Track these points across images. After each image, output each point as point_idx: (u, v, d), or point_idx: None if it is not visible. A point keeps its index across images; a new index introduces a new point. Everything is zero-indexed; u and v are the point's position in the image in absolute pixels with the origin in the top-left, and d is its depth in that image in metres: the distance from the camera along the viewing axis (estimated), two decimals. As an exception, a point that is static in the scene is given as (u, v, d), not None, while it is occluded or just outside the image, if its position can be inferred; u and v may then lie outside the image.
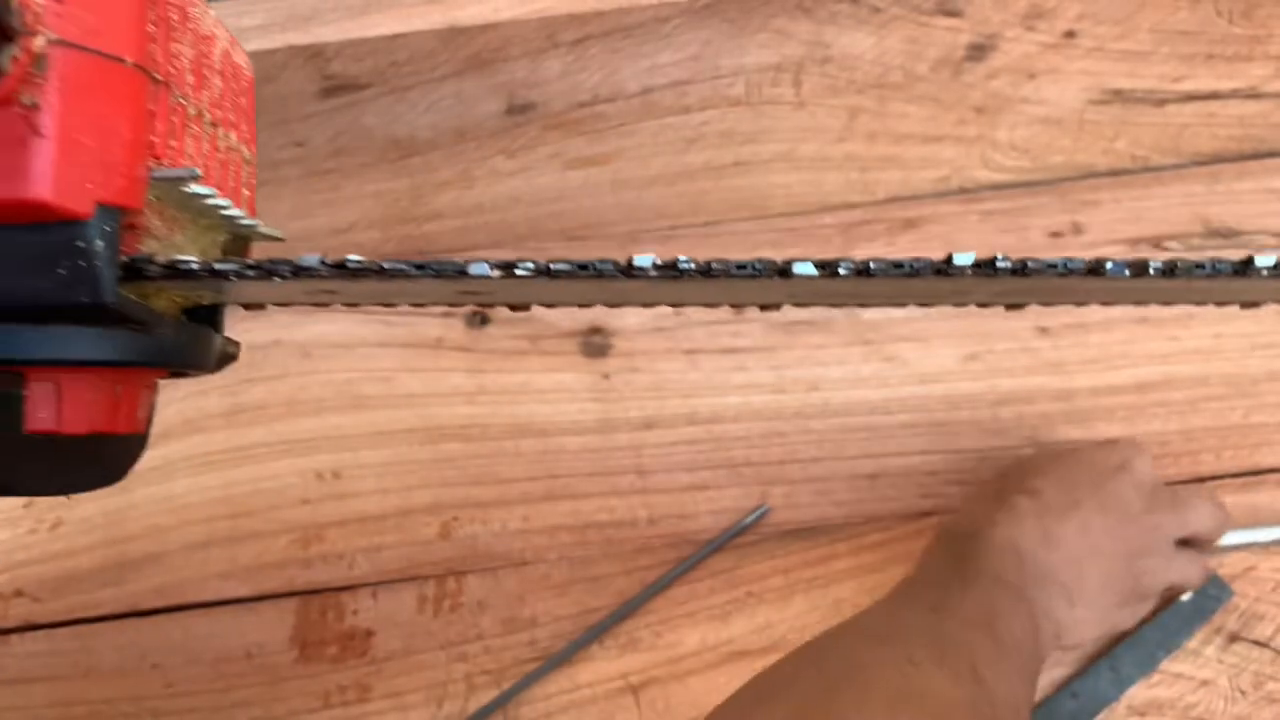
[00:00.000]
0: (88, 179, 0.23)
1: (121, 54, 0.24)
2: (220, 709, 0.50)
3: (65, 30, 0.23)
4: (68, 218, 0.23)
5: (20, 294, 0.24)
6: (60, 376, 0.26)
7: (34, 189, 0.22)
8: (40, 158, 0.23)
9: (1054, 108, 0.65)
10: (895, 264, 0.28)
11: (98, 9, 0.24)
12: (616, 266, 0.27)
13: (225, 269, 0.27)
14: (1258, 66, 0.65)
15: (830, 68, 0.60)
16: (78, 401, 0.27)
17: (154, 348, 0.28)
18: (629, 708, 0.50)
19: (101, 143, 0.24)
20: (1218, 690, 0.50)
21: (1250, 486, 0.55)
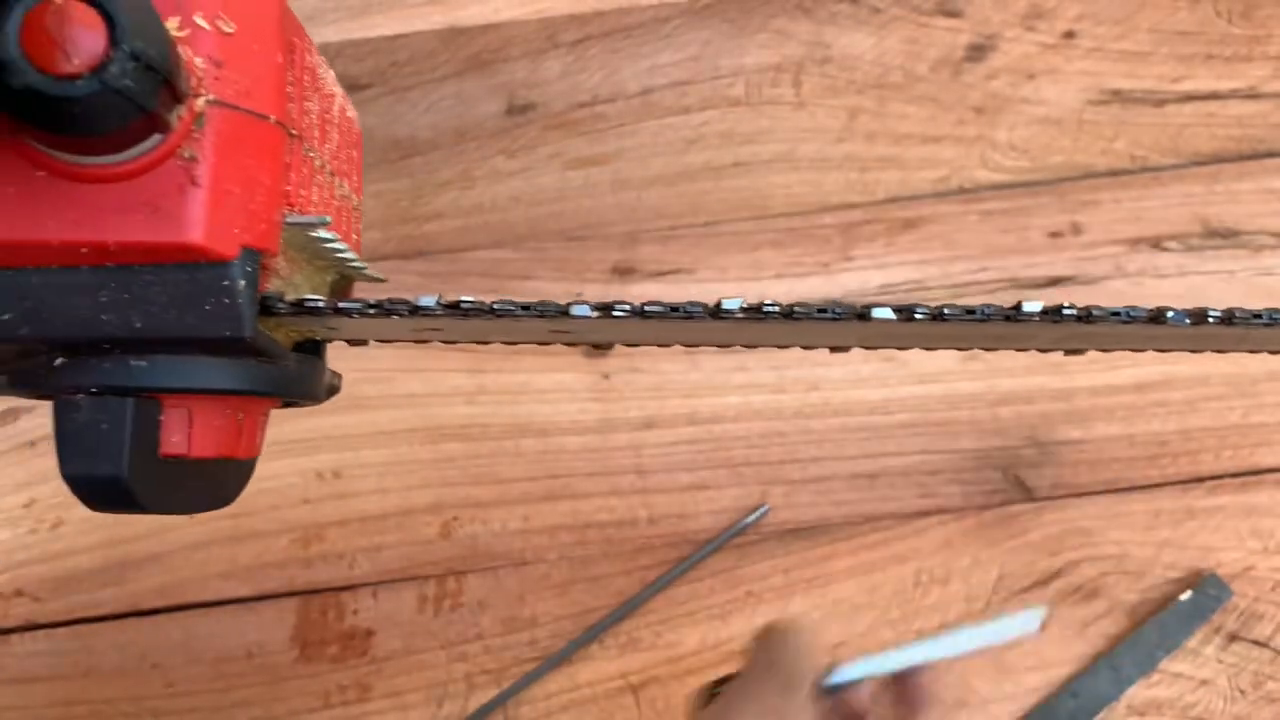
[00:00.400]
0: (234, 224, 0.26)
1: (267, 112, 0.27)
2: (221, 708, 0.50)
3: (221, 91, 0.26)
4: (216, 259, 0.26)
5: (170, 327, 0.26)
6: (193, 404, 0.29)
7: (190, 234, 0.25)
8: (196, 205, 0.25)
9: (1053, 108, 0.65)
10: (967, 310, 0.29)
11: (249, 72, 0.26)
12: (705, 309, 0.29)
13: (349, 307, 0.29)
14: (1257, 67, 0.65)
15: (830, 68, 0.60)
16: (207, 427, 0.29)
17: (280, 378, 0.30)
18: (629, 707, 0.50)
19: (246, 192, 0.26)
20: (1217, 689, 0.50)
21: (1249, 486, 0.55)
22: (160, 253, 0.25)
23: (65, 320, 0.26)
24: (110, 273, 0.26)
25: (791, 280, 0.64)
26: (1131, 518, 0.55)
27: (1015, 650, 0.52)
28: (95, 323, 0.26)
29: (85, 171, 0.24)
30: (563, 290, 0.64)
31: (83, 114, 0.22)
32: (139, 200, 0.25)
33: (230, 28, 0.26)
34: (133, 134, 0.24)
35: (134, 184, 0.25)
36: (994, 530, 0.55)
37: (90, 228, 0.25)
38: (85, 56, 0.22)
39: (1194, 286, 0.63)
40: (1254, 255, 0.64)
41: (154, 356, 0.27)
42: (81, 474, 0.28)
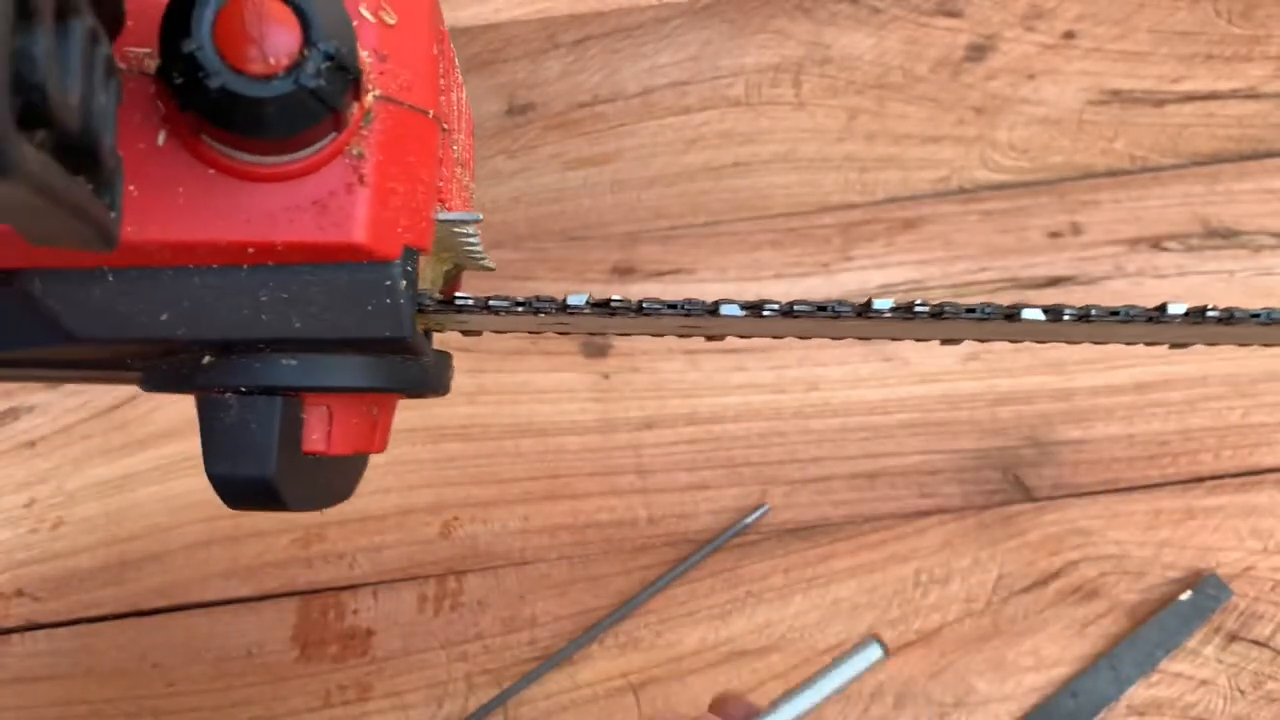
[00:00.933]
0: (398, 223, 0.25)
1: (427, 106, 0.26)
2: (221, 708, 0.51)
3: (386, 86, 0.25)
4: (379, 259, 0.25)
5: (330, 327, 0.26)
6: (333, 401, 0.28)
7: (358, 233, 0.24)
8: (362, 204, 0.24)
9: (1053, 108, 0.65)
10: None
11: (409, 65, 0.26)
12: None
13: (498, 305, 0.28)
14: (1257, 67, 0.65)
15: (830, 68, 0.60)
16: (346, 424, 0.29)
17: (421, 375, 0.30)
18: (629, 707, 0.50)
19: (409, 189, 0.26)
20: (1217, 689, 0.50)
21: (1249, 486, 0.55)
22: (324, 252, 0.25)
23: (225, 321, 0.25)
24: (270, 272, 0.25)
25: (791, 280, 0.64)
26: (1131, 518, 0.55)
27: (1015, 650, 0.52)
28: (254, 323, 0.25)
29: (256, 171, 0.24)
30: (563, 290, 0.64)
31: (274, 115, 0.22)
32: (307, 199, 0.24)
33: (392, 19, 0.25)
34: (315, 134, 0.24)
35: (302, 182, 0.24)
36: (994, 530, 0.55)
37: (259, 227, 0.24)
38: (280, 55, 0.21)
39: (1194, 287, 0.63)
40: (1254, 255, 0.64)
41: (304, 355, 0.27)
42: (230, 474, 0.27)
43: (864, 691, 0.51)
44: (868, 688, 0.51)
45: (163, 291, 0.25)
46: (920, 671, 0.52)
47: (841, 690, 0.36)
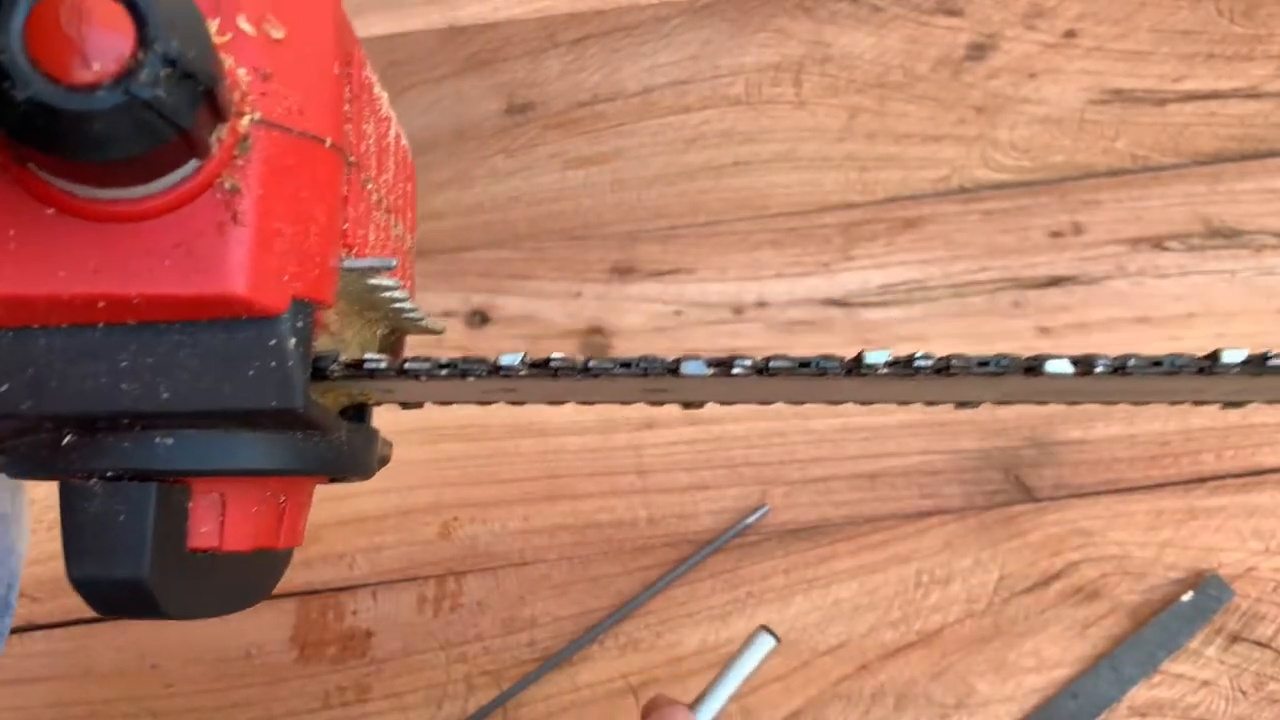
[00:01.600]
0: (284, 271, 0.21)
1: (323, 134, 0.22)
2: (220, 709, 0.50)
3: (269, 109, 0.21)
4: (262, 314, 0.21)
5: (205, 398, 0.21)
6: (227, 488, 0.24)
7: (231, 283, 0.20)
8: (238, 248, 0.20)
9: (1054, 107, 0.65)
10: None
11: (301, 87, 0.22)
12: (841, 365, 0.24)
13: (416, 368, 0.24)
14: (1258, 66, 0.65)
15: (830, 67, 0.60)
16: (243, 515, 0.25)
17: (330, 454, 0.25)
18: (629, 708, 0.50)
19: (299, 230, 0.22)
20: (1219, 691, 0.50)
21: (1251, 487, 0.55)
22: (194, 307, 0.21)
23: (77, 392, 0.21)
24: (131, 332, 0.21)
25: (792, 280, 0.64)
26: (1133, 518, 0.54)
27: (1016, 651, 0.52)
28: (113, 394, 0.21)
29: (103, 208, 0.20)
30: (563, 290, 0.63)
31: (103, 134, 0.18)
32: (168, 242, 0.20)
33: (280, 33, 0.21)
34: (164, 160, 0.19)
35: (162, 223, 0.20)
36: (995, 531, 0.54)
37: (109, 278, 0.20)
38: (107, 61, 0.17)
39: (1195, 286, 0.62)
40: (1255, 255, 0.64)
41: (182, 433, 0.23)
42: (92, 577, 0.23)
43: (864, 693, 0.51)
44: (869, 688, 0.51)
45: (1, 357, 0.21)
46: (921, 672, 0.51)
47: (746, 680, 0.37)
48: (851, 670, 0.51)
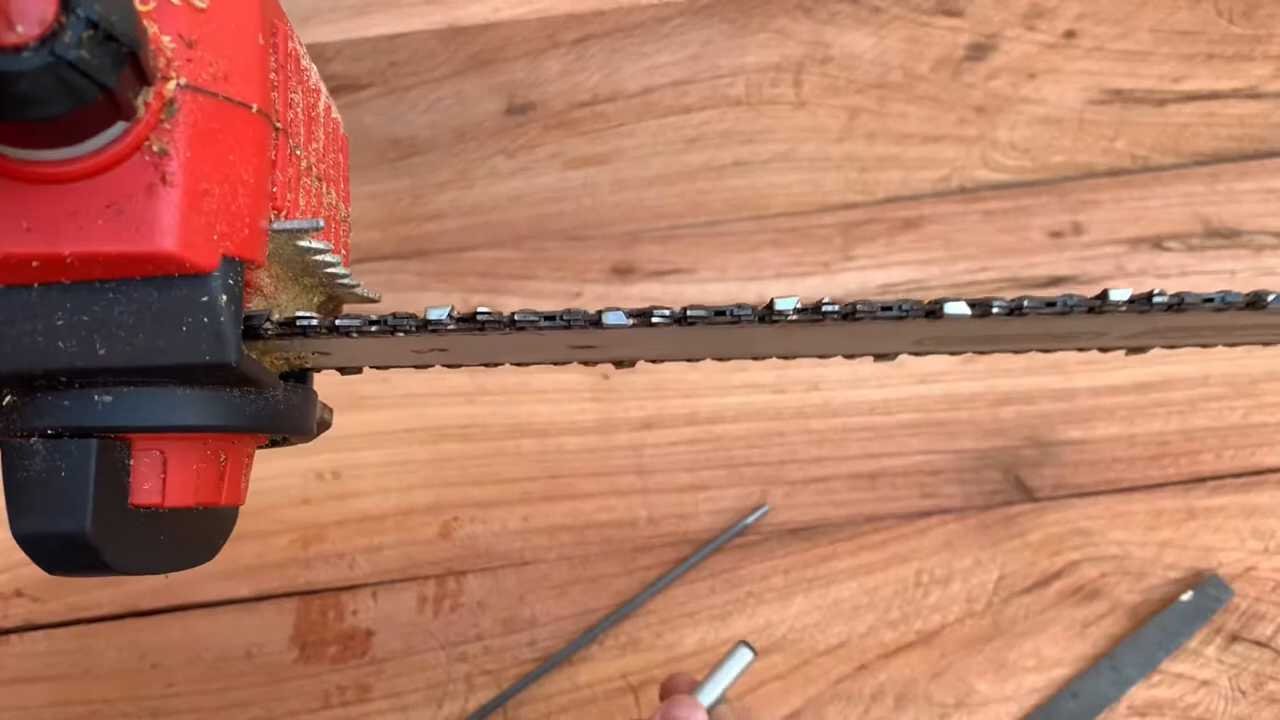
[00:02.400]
0: (213, 229, 0.22)
1: (248, 100, 0.23)
2: (220, 709, 0.50)
3: (194, 75, 0.22)
4: (193, 271, 0.22)
5: (139, 354, 0.22)
6: (167, 445, 0.25)
7: (162, 241, 0.21)
8: (168, 208, 0.21)
9: (1054, 107, 0.65)
10: (1047, 302, 0.26)
11: (225, 54, 0.23)
12: (754, 312, 0.25)
13: (347, 325, 0.25)
14: (1258, 66, 0.65)
15: (830, 68, 0.60)
16: (184, 472, 0.25)
17: (268, 411, 0.26)
18: (629, 708, 0.50)
19: (227, 191, 0.23)
20: (1218, 690, 0.50)
21: (1250, 486, 0.55)
22: (126, 265, 0.22)
23: (15, 351, 0.22)
24: (66, 291, 0.22)
25: (792, 280, 0.64)
26: (1132, 518, 0.55)
27: (1016, 650, 0.52)
28: (50, 352, 0.22)
29: (34, 170, 0.21)
30: (563, 290, 0.64)
31: (29, 94, 0.19)
32: (99, 203, 0.21)
33: (203, 3, 0.23)
34: (91, 121, 0.20)
35: (93, 184, 0.21)
36: (995, 530, 0.55)
37: (42, 238, 0.21)
38: (31, 24, 0.18)
39: (1195, 286, 0.62)
40: (1255, 255, 0.64)
41: (120, 390, 0.23)
42: (35, 532, 0.23)
43: (864, 692, 0.51)
44: (868, 688, 0.51)
45: None
46: (921, 672, 0.51)
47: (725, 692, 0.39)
48: (851, 670, 0.51)
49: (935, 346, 0.31)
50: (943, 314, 0.26)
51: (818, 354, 0.31)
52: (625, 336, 0.27)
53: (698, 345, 0.29)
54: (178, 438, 0.25)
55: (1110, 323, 0.28)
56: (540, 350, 0.28)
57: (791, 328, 0.26)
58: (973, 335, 0.30)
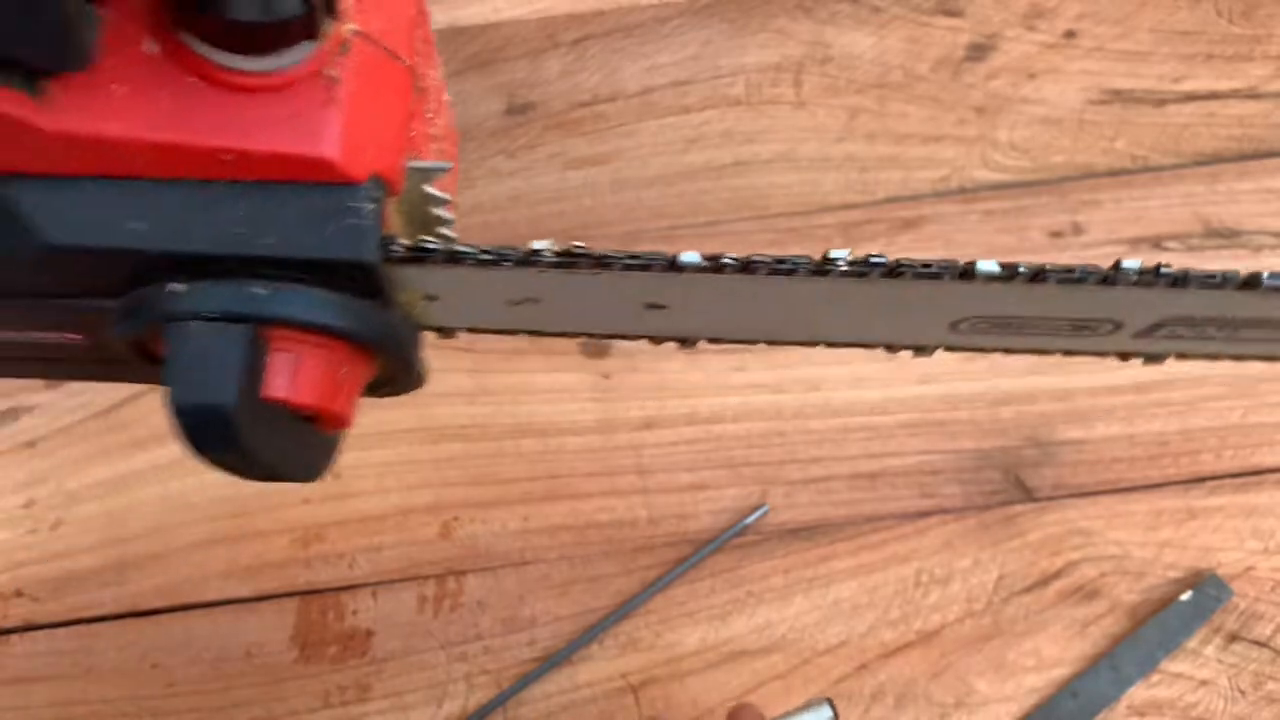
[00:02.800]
0: (366, 150, 0.26)
1: (401, 54, 0.28)
2: (220, 709, 0.50)
3: (364, 24, 0.27)
4: (346, 181, 0.26)
5: (299, 246, 0.26)
6: (300, 346, 0.28)
7: (327, 148, 0.25)
8: (334, 123, 0.26)
9: (1054, 108, 0.65)
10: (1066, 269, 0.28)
11: (385, 14, 0.28)
12: (811, 264, 0.28)
13: (465, 251, 0.28)
14: (1257, 66, 0.65)
15: (830, 68, 0.60)
16: (311, 374, 0.28)
17: (390, 331, 0.29)
18: (629, 707, 0.50)
19: (378, 123, 0.27)
20: (1217, 690, 0.50)
21: (1250, 487, 0.55)
22: (297, 167, 0.26)
23: (199, 233, 0.26)
24: (245, 188, 0.26)
25: (792, 280, 0.64)
26: (1132, 518, 0.55)
27: (1015, 650, 0.52)
28: (227, 237, 0.26)
29: (235, 79, 0.25)
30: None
31: (257, 1, 0.24)
32: (283, 113, 0.25)
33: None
34: (289, 34, 0.25)
35: (279, 95, 0.25)
36: (995, 530, 0.55)
37: (235, 135, 0.25)
38: None
39: (1194, 286, 0.62)
40: (1254, 255, 0.64)
41: (274, 284, 0.27)
42: (190, 403, 0.27)
43: (864, 692, 0.51)
44: (868, 688, 0.51)
45: (140, 200, 0.26)
46: (921, 672, 0.51)
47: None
48: (851, 669, 0.52)
49: (969, 334, 0.32)
50: (975, 274, 0.27)
51: (861, 339, 0.33)
52: (697, 293, 0.29)
53: (759, 315, 0.31)
54: (310, 341, 0.28)
55: (1122, 302, 0.29)
56: (616, 309, 0.31)
57: (844, 288, 0.28)
58: (1001, 316, 0.30)
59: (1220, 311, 0.31)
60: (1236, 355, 0.34)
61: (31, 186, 0.26)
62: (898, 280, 0.28)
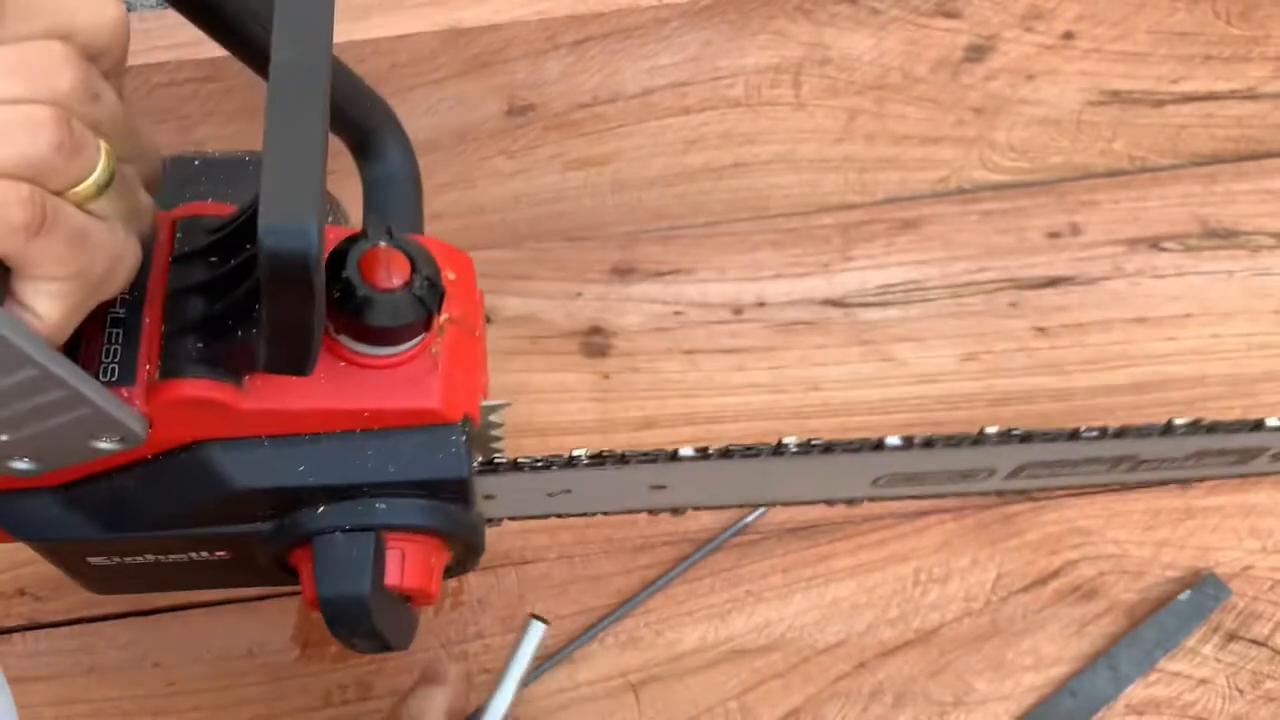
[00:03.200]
0: (457, 399, 0.36)
1: (475, 329, 0.38)
2: (222, 707, 0.51)
3: (451, 312, 0.37)
4: (447, 422, 0.35)
5: (413, 471, 0.35)
6: (405, 544, 0.37)
7: (433, 402, 0.35)
8: (437, 385, 0.35)
9: (1052, 109, 0.65)
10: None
11: (463, 303, 0.37)
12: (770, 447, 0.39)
13: (523, 461, 0.39)
14: (1255, 67, 0.65)
15: (829, 69, 0.61)
16: (414, 564, 0.37)
17: (470, 529, 0.38)
18: (629, 705, 0.50)
19: (465, 378, 0.36)
20: (1215, 689, 0.50)
21: (1248, 486, 0.55)
22: (413, 416, 0.35)
23: (345, 470, 0.35)
24: (377, 434, 0.35)
25: (791, 280, 0.64)
26: (1130, 517, 0.55)
27: (1014, 649, 0.52)
28: (364, 470, 0.35)
29: (372, 362, 0.35)
30: (563, 290, 0.64)
31: (394, 311, 0.33)
32: (403, 380, 0.35)
33: (453, 276, 0.37)
34: (412, 331, 0.34)
35: (401, 369, 0.35)
36: (993, 530, 0.55)
37: (372, 399, 0.34)
38: (398, 278, 0.33)
39: (1192, 286, 0.63)
40: (1252, 255, 0.64)
41: (391, 500, 0.36)
42: (335, 595, 0.35)
43: (863, 690, 0.51)
44: (867, 686, 0.51)
45: (303, 450, 0.35)
46: (919, 671, 0.52)
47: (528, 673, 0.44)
48: (850, 668, 0.52)
49: (885, 487, 0.42)
50: (884, 445, 0.38)
51: (809, 498, 0.44)
52: (690, 475, 0.39)
53: (735, 487, 0.42)
54: (412, 542, 0.37)
55: (992, 455, 0.40)
56: (630, 491, 0.42)
57: (794, 461, 0.39)
58: (909, 473, 0.41)
59: (1059, 456, 0.42)
60: (1081, 486, 0.46)
61: (225, 447, 0.34)
62: (830, 454, 0.38)
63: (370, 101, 0.43)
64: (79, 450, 0.33)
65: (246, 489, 0.35)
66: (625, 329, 0.62)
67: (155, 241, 0.34)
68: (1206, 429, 0.42)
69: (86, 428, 0.32)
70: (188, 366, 0.32)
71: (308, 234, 0.26)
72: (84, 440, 0.32)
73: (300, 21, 0.29)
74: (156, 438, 0.34)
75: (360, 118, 0.43)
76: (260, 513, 0.36)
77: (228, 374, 0.33)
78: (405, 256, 0.34)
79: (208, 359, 0.33)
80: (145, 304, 0.33)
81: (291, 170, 0.27)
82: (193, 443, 0.34)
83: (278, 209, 0.26)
